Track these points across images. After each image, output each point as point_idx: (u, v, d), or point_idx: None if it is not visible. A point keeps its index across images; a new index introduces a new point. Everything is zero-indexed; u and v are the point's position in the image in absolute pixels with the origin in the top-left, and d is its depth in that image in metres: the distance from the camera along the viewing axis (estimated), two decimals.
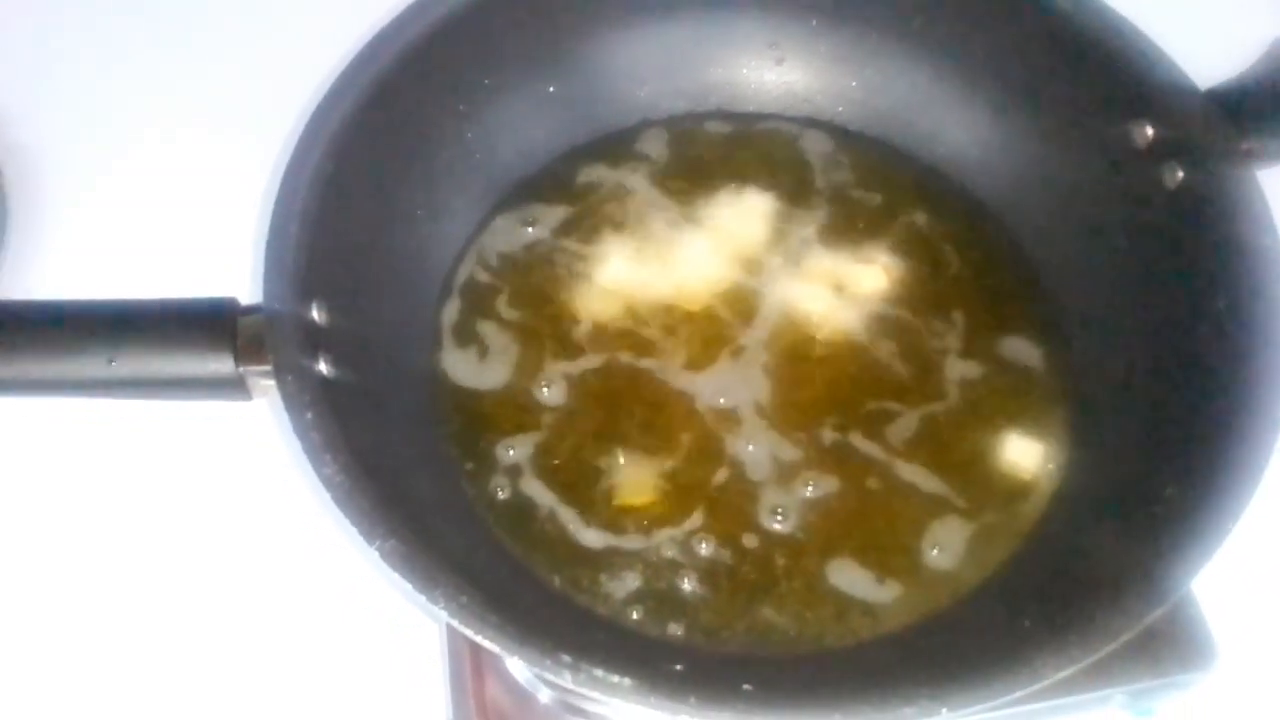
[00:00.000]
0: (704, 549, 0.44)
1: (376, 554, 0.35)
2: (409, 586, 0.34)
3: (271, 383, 0.39)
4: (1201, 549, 0.35)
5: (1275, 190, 0.44)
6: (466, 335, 0.49)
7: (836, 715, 0.33)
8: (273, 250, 0.40)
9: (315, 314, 0.41)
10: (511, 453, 0.46)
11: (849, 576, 0.44)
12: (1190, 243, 0.44)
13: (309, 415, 0.37)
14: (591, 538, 0.44)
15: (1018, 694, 0.33)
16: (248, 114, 0.59)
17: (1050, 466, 0.46)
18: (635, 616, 0.42)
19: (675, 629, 0.42)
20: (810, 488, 0.46)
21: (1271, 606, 0.48)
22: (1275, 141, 0.44)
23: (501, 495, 0.45)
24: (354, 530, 0.35)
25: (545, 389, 0.48)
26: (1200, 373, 0.41)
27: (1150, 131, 0.46)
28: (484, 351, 0.48)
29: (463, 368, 0.48)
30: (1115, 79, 0.46)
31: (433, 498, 0.43)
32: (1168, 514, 0.38)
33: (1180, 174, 0.44)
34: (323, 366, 0.40)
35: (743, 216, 0.53)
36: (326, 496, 0.36)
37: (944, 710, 0.32)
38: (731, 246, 0.52)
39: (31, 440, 0.52)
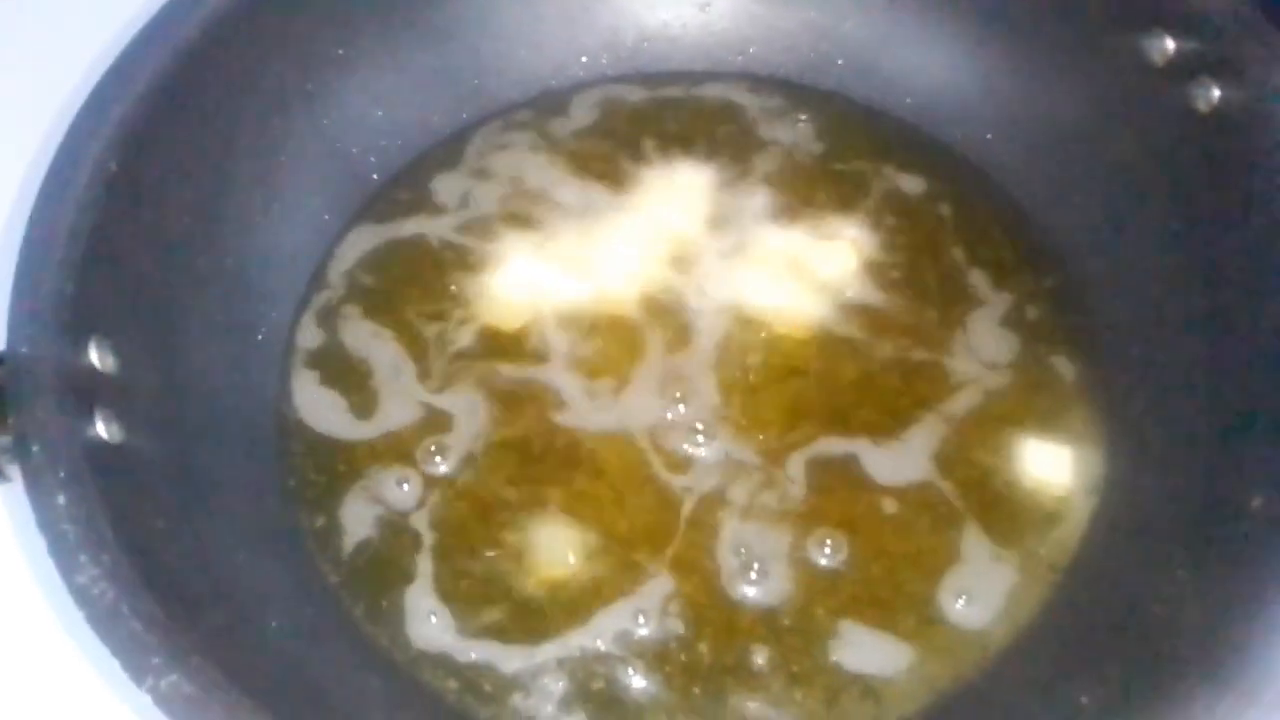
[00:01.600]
0: (651, 629, 0.35)
1: (147, 697, 0.24)
2: None
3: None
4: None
5: None
6: (328, 369, 0.40)
7: None
8: (26, 273, 0.31)
9: (93, 356, 0.32)
10: (388, 520, 0.36)
11: (847, 646, 0.34)
12: (1237, 178, 0.36)
13: (61, 500, 0.27)
14: (500, 628, 0.34)
15: None
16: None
17: (1085, 479, 0.37)
18: None
19: None
20: (788, 533, 0.36)
21: None
22: None
23: (372, 579, 0.35)
24: (119, 663, 0.24)
25: (432, 433, 0.38)
26: (1274, 338, 0.31)
27: (1171, 44, 0.38)
28: (352, 388, 0.39)
29: (323, 411, 0.38)
30: None
31: (271, 590, 0.33)
32: (1257, 534, 0.28)
33: (1216, 92, 0.37)
34: (101, 428, 0.30)
35: (675, 196, 0.44)
36: (83, 613, 0.25)
37: None
38: (664, 233, 0.43)
39: None
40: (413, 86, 0.44)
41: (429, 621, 0.34)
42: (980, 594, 0.34)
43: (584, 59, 0.46)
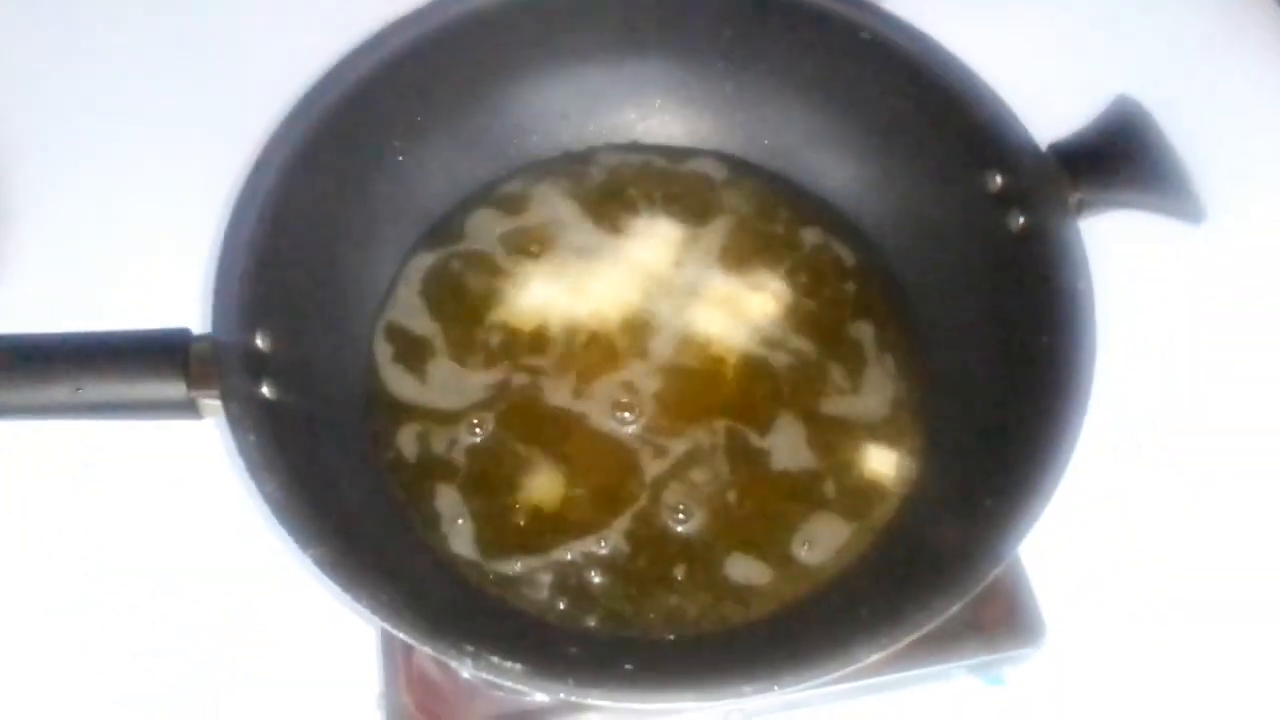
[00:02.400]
0: (608, 549, 0.49)
1: (310, 560, 0.41)
2: (336, 588, 0.41)
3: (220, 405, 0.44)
4: (992, 556, 0.42)
5: (1110, 235, 0.50)
6: (400, 352, 0.54)
7: (690, 691, 0.40)
8: (221, 282, 0.45)
9: (259, 342, 0.45)
10: (433, 459, 0.51)
11: (734, 567, 0.50)
12: (1026, 283, 0.48)
13: (251, 437, 0.43)
14: (507, 543, 0.49)
15: (838, 674, 0.40)
16: (205, 148, 0.61)
17: (905, 475, 0.51)
18: (560, 608, 0.48)
19: (590, 620, 0.48)
20: (707, 492, 0.51)
21: (1092, 590, 0.56)
22: (1103, 193, 0.49)
23: (423, 499, 0.51)
24: (289, 540, 0.41)
25: (468, 404, 0.53)
26: (1022, 401, 0.47)
27: (1000, 180, 0.50)
28: (415, 366, 0.54)
29: (397, 385, 0.53)
30: (972, 132, 0.51)
31: (365, 502, 0.48)
32: (984, 526, 0.43)
33: (1021, 220, 0.49)
34: (266, 390, 0.45)
35: (653, 242, 0.58)
36: (265, 510, 0.42)
37: (775, 688, 0.39)
38: (642, 270, 0.57)
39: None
40: (469, 144, 0.56)
41: (456, 525, 0.50)
42: (819, 544, 0.49)
43: (596, 130, 0.59)
